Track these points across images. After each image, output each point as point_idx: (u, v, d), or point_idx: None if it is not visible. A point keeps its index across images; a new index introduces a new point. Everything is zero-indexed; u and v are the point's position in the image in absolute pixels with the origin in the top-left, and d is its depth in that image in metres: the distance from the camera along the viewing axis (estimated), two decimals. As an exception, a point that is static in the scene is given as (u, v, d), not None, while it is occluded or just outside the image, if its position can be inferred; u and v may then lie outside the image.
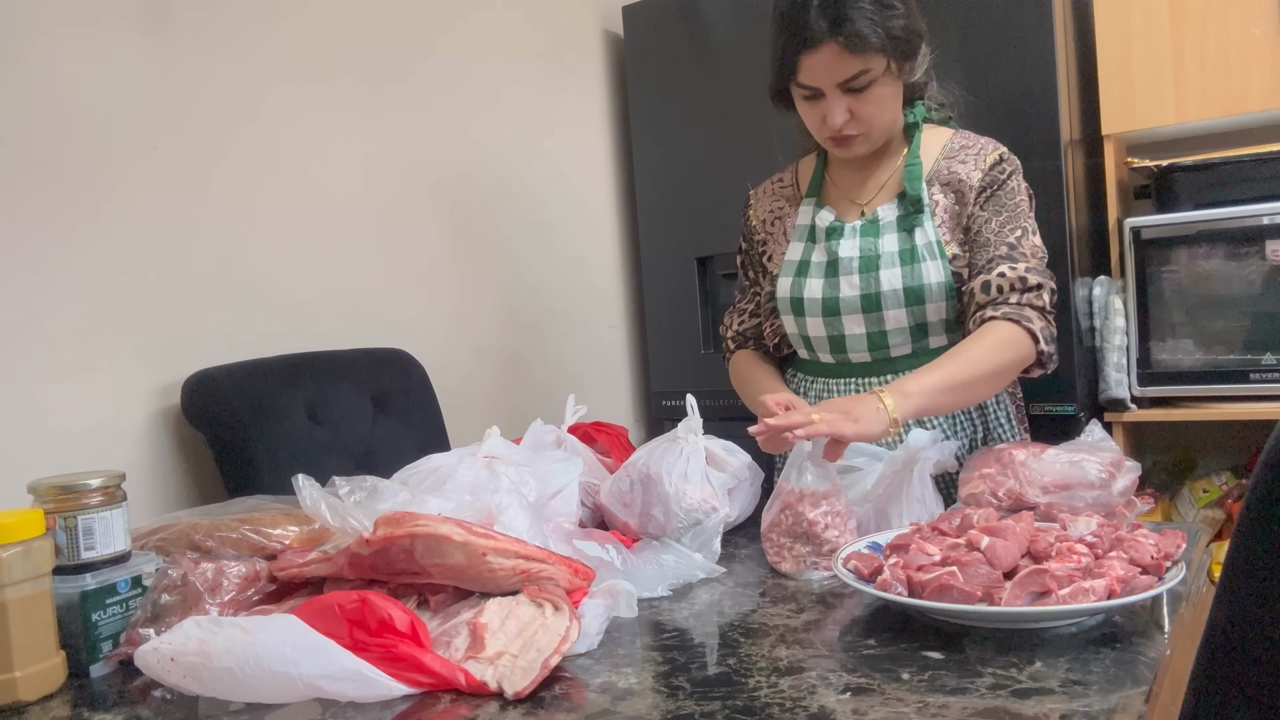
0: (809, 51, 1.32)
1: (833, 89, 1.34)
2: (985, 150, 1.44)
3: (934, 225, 1.40)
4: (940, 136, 1.48)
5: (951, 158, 1.44)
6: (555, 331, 2.49)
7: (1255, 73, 2.06)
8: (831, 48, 1.30)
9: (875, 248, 1.41)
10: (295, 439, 1.61)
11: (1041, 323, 1.33)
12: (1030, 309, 1.34)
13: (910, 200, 1.41)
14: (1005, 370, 1.32)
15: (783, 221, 1.55)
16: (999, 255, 1.37)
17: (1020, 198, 1.42)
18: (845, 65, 1.31)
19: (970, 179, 1.41)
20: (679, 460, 1.32)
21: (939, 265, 1.39)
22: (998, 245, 1.38)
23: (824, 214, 1.47)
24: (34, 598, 0.92)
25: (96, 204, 1.52)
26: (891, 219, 1.42)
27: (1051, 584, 0.87)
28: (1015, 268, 1.35)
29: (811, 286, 1.45)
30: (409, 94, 2.09)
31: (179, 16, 1.65)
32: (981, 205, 1.41)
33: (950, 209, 1.42)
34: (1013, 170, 1.43)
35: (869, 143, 1.41)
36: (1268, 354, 2.03)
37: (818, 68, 1.33)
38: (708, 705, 0.78)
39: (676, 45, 2.59)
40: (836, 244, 1.44)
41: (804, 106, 1.40)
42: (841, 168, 1.51)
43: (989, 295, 1.35)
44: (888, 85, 1.36)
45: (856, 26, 1.29)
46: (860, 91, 1.34)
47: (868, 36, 1.29)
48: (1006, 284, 1.34)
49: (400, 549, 0.97)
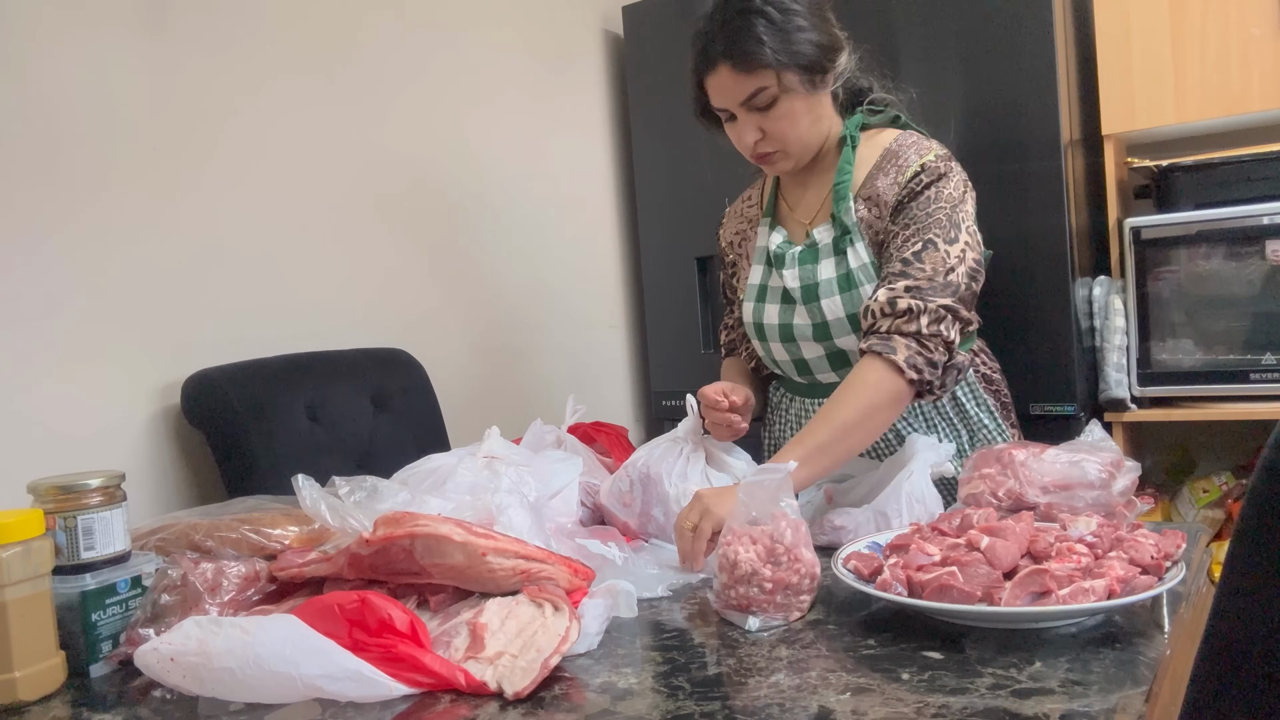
0: (709, 74, 1.35)
1: (739, 109, 1.36)
2: (909, 161, 1.36)
3: (865, 245, 1.37)
4: (879, 143, 1.42)
5: (880, 169, 1.39)
6: (555, 331, 2.49)
7: (1255, 73, 2.06)
8: (724, 69, 1.33)
9: (814, 275, 1.40)
10: (295, 439, 1.61)
11: (908, 351, 1.25)
12: (899, 336, 1.26)
13: (836, 224, 1.40)
14: (872, 413, 1.25)
15: (746, 244, 1.56)
16: (890, 273, 1.30)
17: (937, 205, 1.32)
18: (740, 85, 1.33)
19: (886, 194, 1.36)
20: (679, 460, 1.32)
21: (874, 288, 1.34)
22: (893, 261, 1.31)
23: (774, 236, 1.48)
24: (34, 598, 0.91)
25: (96, 204, 1.52)
26: (828, 241, 1.41)
27: (1051, 584, 0.87)
28: (893, 289, 1.27)
29: (769, 313, 1.46)
30: (409, 94, 2.09)
31: (179, 16, 1.65)
32: (894, 219, 1.35)
33: (875, 225, 1.38)
34: (934, 179, 1.34)
35: (790, 159, 1.40)
36: (1268, 354, 2.03)
37: (717, 89, 1.36)
38: (708, 705, 0.78)
39: (676, 45, 2.57)
40: (781, 272, 1.44)
41: (727, 127, 1.42)
42: (790, 185, 1.51)
43: (868, 322, 1.30)
44: (796, 100, 1.34)
45: (744, 46, 1.31)
46: (765, 110, 1.34)
47: (754, 55, 1.30)
48: (878, 309, 1.28)
49: (400, 549, 0.97)
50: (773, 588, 0.95)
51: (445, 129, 2.18)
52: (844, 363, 1.42)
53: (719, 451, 1.37)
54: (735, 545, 0.98)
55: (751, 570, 0.96)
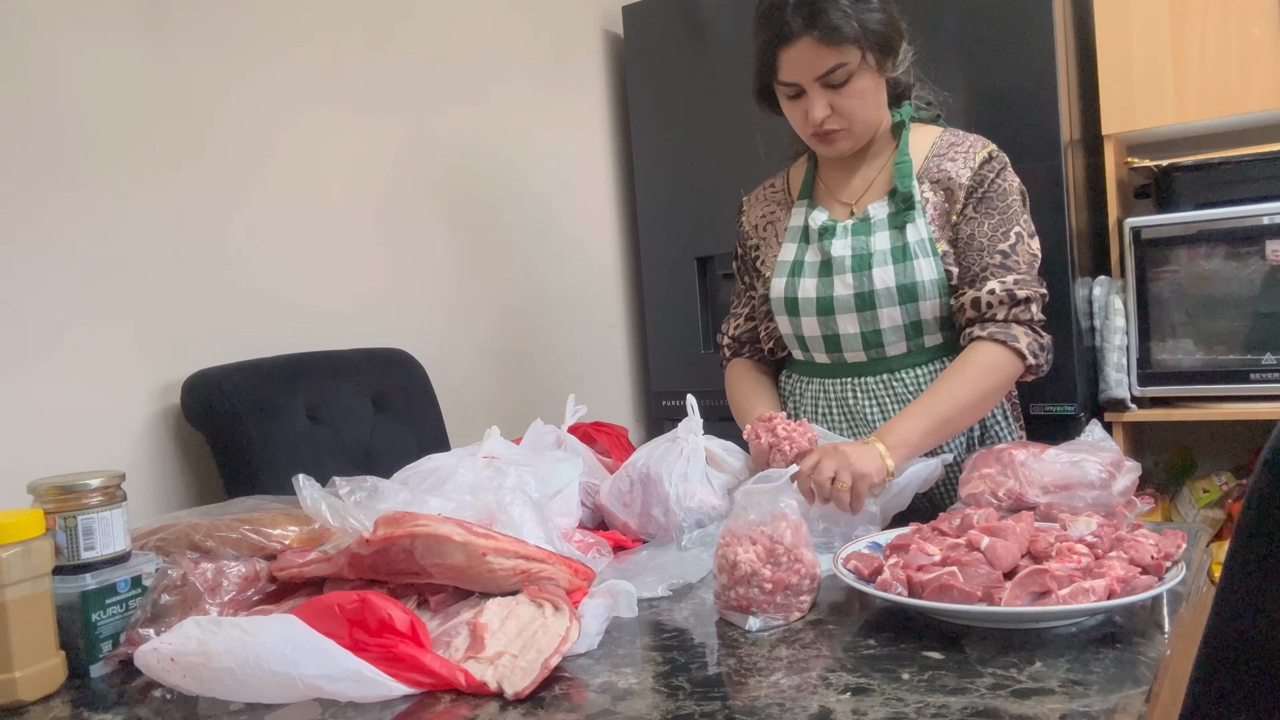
0: (786, 47, 1.35)
1: (812, 84, 1.36)
2: (974, 148, 1.45)
3: (925, 222, 1.41)
4: (929, 135, 1.49)
5: (941, 155, 1.45)
6: (555, 331, 2.49)
7: (1255, 73, 2.06)
8: (807, 41, 1.33)
9: (868, 246, 1.42)
10: (295, 439, 1.61)
11: (1029, 338, 1.36)
12: (1017, 324, 1.37)
13: (901, 197, 1.42)
14: (989, 396, 1.36)
15: (775, 225, 1.56)
16: (992, 265, 1.38)
17: (1013, 198, 1.42)
18: (821, 59, 1.34)
19: (959, 177, 1.42)
20: (679, 460, 1.32)
21: (932, 262, 1.39)
22: (990, 253, 1.39)
23: (816, 214, 1.48)
24: (34, 598, 0.91)
25: (96, 203, 1.52)
26: (883, 216, 1.43)
27: (1051, 584, 0.87)
28: (1005, 281, 1.37)
29: (805, 286, 1.46)
30: (409, 94, 2.09)
31: (179, 16, 1.65)
32: (974, 206, 1.41)
33: (940, 207, 1.42)
34: (1001, 168, 1.43)
35: (852, 138, 1.42)
36: (1268, 354, 2.03)
37: (795, 63, 1.35)
38: (708, 705, 0.78)
39: (676, 45, 2.59)
40: (829, 243, 1.44)
41: (788, 106, 1.42)
42: (831, 169, 1.52)
43: (979, 312, 1.38)
44: (866, 79, 1.37)
45: (830, 19, 1.32)
46: (839, 86, 1.36)
47: (841, 28, 1.32)
48: (996, 300, 1.37)
49: (400, 549, 0.97)
50: (773, 588, 0.95)
51: (445, 129, 2.18)
52: (876, 342, 1.43)
53: (719, 451, 1.37)
54: (735, 546, 0.98)
55: (751, 571, 0.95)
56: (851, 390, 1.46)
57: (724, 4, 2.50)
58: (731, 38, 2.49)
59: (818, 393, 1.50)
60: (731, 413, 1.58)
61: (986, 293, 1.37)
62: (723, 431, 1.44)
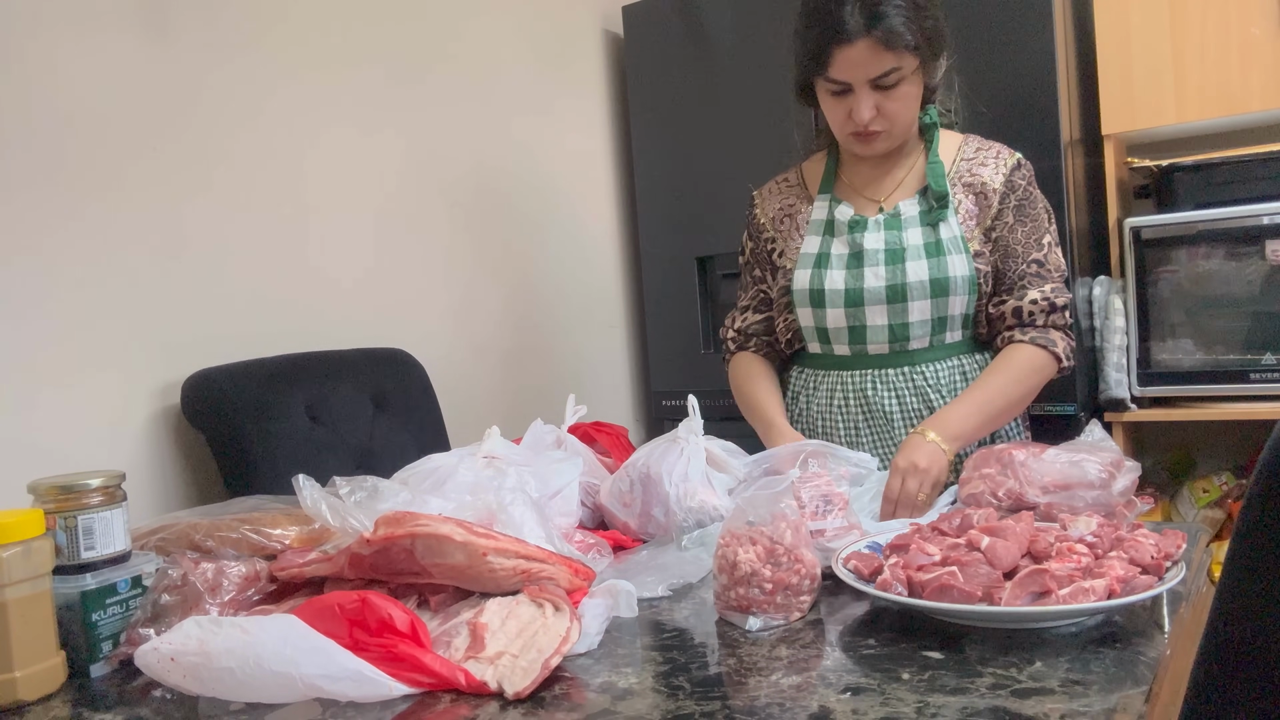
0: (843, 46, 1.33)
1: (863, 85, 1.36)
2: (1004, 154, 1.47)
3: (958, 221, 1.43)
4: (952, 139, 1.50)
5: (970, 160, 1.47)
6: (555, 331, 2.49)
7: (1255, 73, 2.06)
8: (867, 43, 1.32)
9: (900, 240, 1.43)
10: (295, 439, 1.61)
11: (1065, 342, 1.43)
12: (1054, 330, 1.42)
13: (935, 196, 1.43)
14: (1030, 395, 1.42)
15: (793, 218, 1.55)
16: (1028, 273, 1.43)
17: (1041, 206, 1.46)
18: (879, 61, 1.33)
19: (993, 181, 1.44)
20: (679, 460, 1.32)
21: (964, 259, 1.41)
22: (1025, 260, 1.43)
23: (843, 208, 1.48)
24: (34, 598, 0.91)
25: (96, 204, 1.52)
26: (914, 214, 1.44)
27: (1051, 584, 0.87)
28: (1044, 290, 1.42)
29: (833, 278, 1.45)
30: (408, 95, 2.09)
31: (179, 17, 1.66)
32: (1011, 211, 1.44)
33: (970, 210, 1.44)
34: (1031, 175, 1.47)
35: (890, 140, 1.43)
36: (1268, 354, 2.03)
37: (851, 63, 1.34)
38: (708, 705, 0.78)
39: (676, 45, 2.59)
40: (860, 236, 1.44)
41: (829, 101, 1.41)
42: (857, 165, 1.52)
43: (1019, 319, 1.43)
44: (914, 84, 1.38)
45: (892, 23, 1.31)
46: (889, 89, 1.36)
47: (903, 34, 1.31)
48: (1038, 309, 1.42)
49: (401, 549, 0.97)
50: (773, 588, 0.95)
51: (445, 129, 2.18)
52: (903, 335, 1.44)
53: (719, 451, 1.37)
54: (735, 546, 0.98)
55: (751, 571, 0.95)
56: (872, 382, 1.46)
57: (724, 4, 2.50)
58: (731, 38, 2.49)
59: (834, 384, 1.50)
60: (737, 405, 1.57)
61: (1029, 302, 1.42)
62: (723, 431, 1.44)
